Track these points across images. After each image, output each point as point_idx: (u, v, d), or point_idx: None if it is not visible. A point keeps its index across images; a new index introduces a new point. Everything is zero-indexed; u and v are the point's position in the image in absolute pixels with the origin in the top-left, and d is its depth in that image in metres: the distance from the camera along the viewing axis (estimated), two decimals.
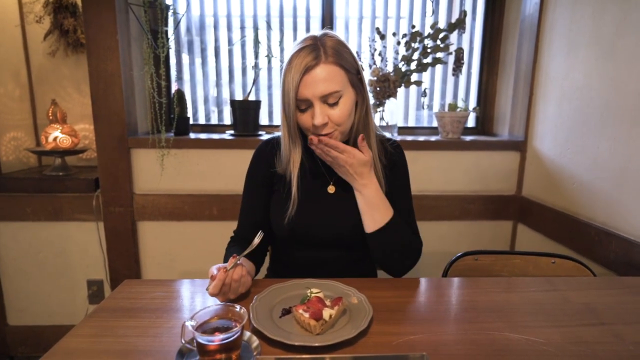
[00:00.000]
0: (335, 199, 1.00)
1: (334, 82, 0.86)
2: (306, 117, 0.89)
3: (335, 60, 0.86)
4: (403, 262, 0.97)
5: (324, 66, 0.85)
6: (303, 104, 0.88)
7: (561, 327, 0.72)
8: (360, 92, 0.93)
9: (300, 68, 0.84)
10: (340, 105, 0.88)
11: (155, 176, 1.70)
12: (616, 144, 1.23)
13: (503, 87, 1.90)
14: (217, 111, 1.97)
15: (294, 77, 0.85)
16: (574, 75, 1.42)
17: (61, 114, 1.74)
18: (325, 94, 0.86)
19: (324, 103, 0.88)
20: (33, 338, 1.84)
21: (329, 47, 0.87)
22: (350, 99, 0.90)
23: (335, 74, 0.86)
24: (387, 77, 1.70)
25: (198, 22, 1.86)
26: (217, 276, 0.76)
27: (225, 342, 0.58)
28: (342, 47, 0.89)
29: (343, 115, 0.89)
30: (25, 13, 1.80)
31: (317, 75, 0.85)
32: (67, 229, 1.75)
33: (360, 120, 0.95)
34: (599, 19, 1.31)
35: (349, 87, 0.90)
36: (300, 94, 0.86)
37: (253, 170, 1.05)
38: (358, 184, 0.92)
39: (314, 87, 0.85)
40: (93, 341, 0.67)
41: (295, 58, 0.86)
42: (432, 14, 1.88)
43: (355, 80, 0.91)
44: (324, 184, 1.01)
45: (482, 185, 1.77)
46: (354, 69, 0.91)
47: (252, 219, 1.04)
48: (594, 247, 1.31)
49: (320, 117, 0.86)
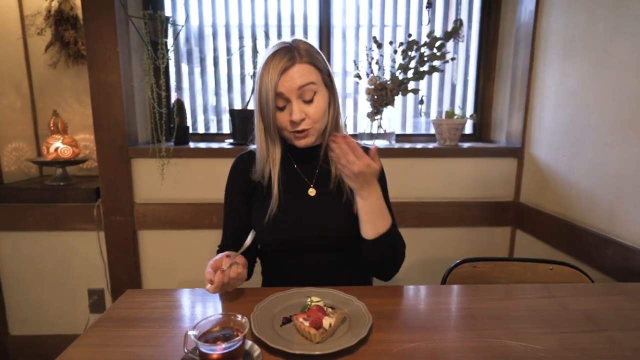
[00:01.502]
0: (317, 201, 1.01)
1: (310, 76, 0.91)
2: (283, 115, 0.93)
3: (309, 60, 0.91)
4: (395, 267, 0.97)
5: (299, 66, 0.90)
6: (281, 102, 0.91)
7: (559, 334, 0.73)
8: (331, 92, 0.98)
9: (277, 69, 0.88)
10: (315, 102, 0.92)
11: (155, 185, 1.71)
12: (612, 149, 1.25)
13: (500, 94, 1.92)
14: (216, 120, 1.99)
15: (272, 77, 0.88)
16: (569, 82, 1.44)
17: (62, 125, 1.76)
18: (302, 85, 0.89)
19: (301, 100, 0.91)
20: (34, 347, 1.84)
21: (302, 49, 0.91)
22: (325, 97, 0.95)
23: (310, 72, 0.91)
24: (385, 85, 1.72)
25: (197, 32, 1.88)
26: (216, 278, 0.80)
27: (227, 351, 0.59)
28: (314, 49, 0.94)
29: (319, 111, 0.92)
30: (26, 25, 1.83)
31: (294, 73, 0.89)
32: (68, 238, 1.76)
33: (331, 121, 0.99)
34: (592, 27, 1.33)
35: (323, 86, 0.94)
36: (278, 90, 0.90)
37: (230, 183, 1.08)
38: (364, 191, 0.90)
39: (291, 83, 0.89)
40: (97, 351, 0.68)
41: (272, 60, 0.89)
42: (428, 23, 1.91)
43: (327, 81, 0.96)
44: (304, 188, 1.02)
45: (479, 192, 1.79)
46: (326, 70, 0.96)
47: (235, 225, 1.05)
48: (591, 253, 1.32)
49: (298, 113, 0.90)
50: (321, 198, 1.01)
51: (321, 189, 1.02)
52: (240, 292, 0.90)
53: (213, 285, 0.80)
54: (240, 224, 1.03)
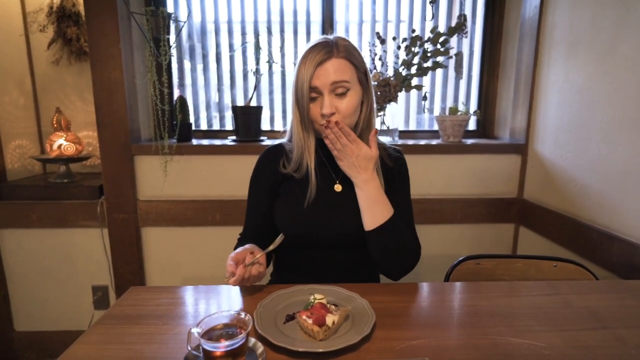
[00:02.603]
0: (342, 197, 1.01)
1: (344, 73, 0.92)
2: (315, 107, 0.94)
3: (346, 56, 0.93)
4: (401, 264, 0.97)
5: (336, 60, 0.92)
6: (313, 93, 0.93)
7: (563, 332, 0.72)
8: (366, 91, 0.98)
9: (314, 61, 0.91)
10: (347, 97, 0.93)
11: (158, 182, 1.71)
12: (617, 146, 1.24)
13: (504, 90, 1.91)
14: (219, 117, 1.99)
15: (308, 69, 0.91)
16: (574, 78, 1.43)
17: (65, 122, 1.76)
18: (335, 82, 0.91)
19: (333, 94, 0.93)
20: (39, 343, 1.85)
21: (340, 44, 0.93)
22: (358, 94, 0.96)
23: (345, 68, 0.92)
24: (388, 81, 1.71)
25: (199, 28, 1.88)
26: (238, 272, 0.82)
27: (230, 348, 0.59)
28: (353, 47, 0.96)
29: (350, 107, 0.93)
30: (29, 22, 1.83)
31: (329, 67, 0.91)
32: (72, 235, 1.77)
33: (364, 119, 0.99)
34: (598, 23, 1.32)
35: (357, 83, 0.95)
36: (312, 83, 0.92)
37: (257, 175, 1.07)
38: (360, 179, 0.93)
39: (325, 77, 0.91)
40: (101, 348, 0.68)
41: (310, 53, 0.92)
42: (432, 18, 1.89)
43: (362, 79, 0.97)
44: (330, 183, 1.02)
45: (483, 189, 1.78)
46: (363, 69, 0.97)
47: (257, 221, 1.06)
48: (596, 250, 1.31)
49: (329, 107, 0.91)
50: (346, 195, 1.00)
51: (347, 186, 1.01)
52: (243, 290, 0.90)
53: (234, 278, 0.82)
54: (263, 220, 1.05)
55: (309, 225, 0.98)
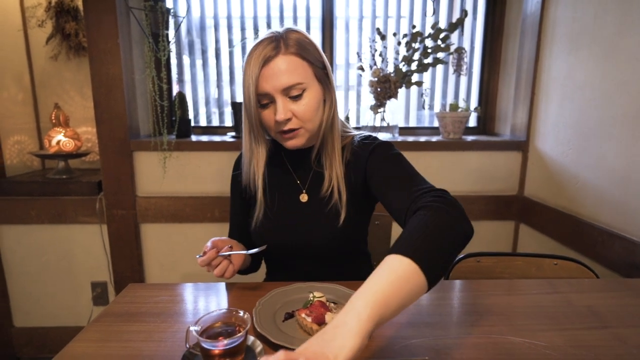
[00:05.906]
0: (309, 208, 0.94)
1: (296, 73, 0.81)
2: (268, 113, 0.84)
3: (297, 51, 0.82)
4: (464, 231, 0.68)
5: (284, 57, 0.81)
6: (264, 99, 0.83)
7: (563, 330, 0.72)
8: (327, 88, 0.88)
9: (258, 60, 0.80)
10: (304, 98, 0.83)
11: (157, 179, 1.70)
12: (619, 143, 1.23)
13: (504, 86, 1.90)
14: (218, 113, 1.98)
15: (253, 69, 0.80)
16: (576, 75, 1.42)
17: (64, 118, 1.75)
18: (287, 87, 0.81)
19: (287, 97, 0.83)
20: (38, 339, 1.85)
21: (291, 39, 0.82)
22: (316, 94, 0.85)
23: (296, 65, 0.81)
24: (388, 77, 1.70)
25: (198, 23, 1.86)
26: (208, 254, 0.82)
27: (229, 347, 0.58)
28: (306, 40, 0.84)
29: (308, 110, 0.83)
30: (27, 17, 1.81)
31: (277, 66, 0.80)
32: (70, 231, 1.77)
33: (327, 119, 0.88)
34: (600, 19, 1.31)
35: (315, 81, 0.85)
36: (260, 87, 0.81)
37: (232, 180, 1.06)
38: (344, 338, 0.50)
39: (274, 80, 0.80)
40: (99, 346, 0.68)
41: (254, 51, 0.81)
42: (432, 14, 1.88)
43: (321, 75, 0.86)
44: (296, 193, 0.96)
45: (483, 186, 1.77)
46: (319, 63, 0.86)
47: (238, 223, 1.06)
48: (597, 248, 1.31)
49: (283, 112, 0.81)
50: (313, 205, 0.93)
51: (314, 196, 0.94)
52: (242, 287, 0.90)
53: (202, 258, 0.82)
54: (243, 229, 1.02)
55: (270, 238, 0.93)
